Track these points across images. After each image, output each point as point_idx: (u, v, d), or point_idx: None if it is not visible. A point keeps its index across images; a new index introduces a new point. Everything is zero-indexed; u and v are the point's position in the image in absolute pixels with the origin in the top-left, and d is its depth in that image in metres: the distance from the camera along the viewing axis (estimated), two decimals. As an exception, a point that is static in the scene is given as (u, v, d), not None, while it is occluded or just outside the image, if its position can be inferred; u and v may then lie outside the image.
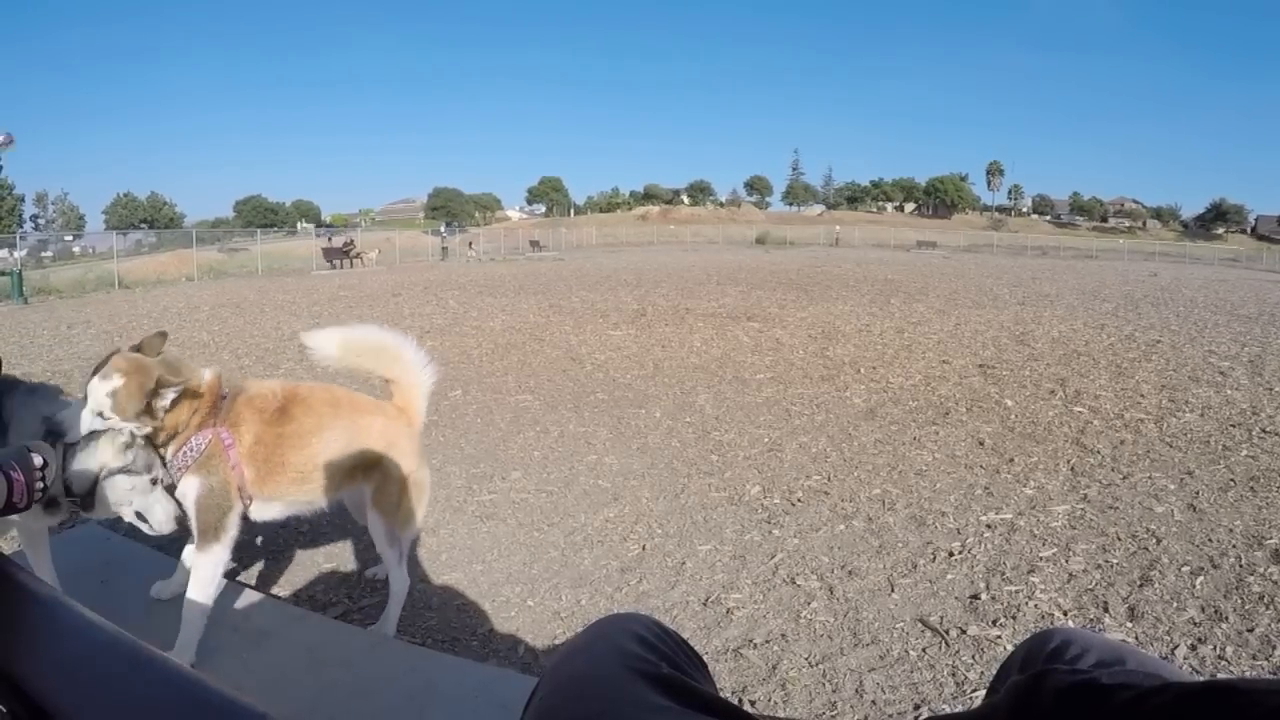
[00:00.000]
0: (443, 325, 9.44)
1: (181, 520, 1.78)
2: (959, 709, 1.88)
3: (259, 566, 2.81)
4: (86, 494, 1.62)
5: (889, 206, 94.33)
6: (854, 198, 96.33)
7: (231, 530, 1.83)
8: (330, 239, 31.43)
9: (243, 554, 2.92)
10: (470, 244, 36.57)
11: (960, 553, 2.87)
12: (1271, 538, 2.96)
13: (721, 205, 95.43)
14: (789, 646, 2.24)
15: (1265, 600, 2.46)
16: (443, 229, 39.29)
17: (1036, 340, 8.21)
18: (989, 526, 3.12)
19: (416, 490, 2.16)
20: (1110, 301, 13.13)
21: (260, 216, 73.19)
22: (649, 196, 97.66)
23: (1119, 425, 4.70)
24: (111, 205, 71.56)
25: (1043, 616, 2.40)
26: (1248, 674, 2.07)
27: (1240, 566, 2.72)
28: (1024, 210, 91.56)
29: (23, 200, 62.14)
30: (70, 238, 47.06)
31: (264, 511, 1.93)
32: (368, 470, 2.05)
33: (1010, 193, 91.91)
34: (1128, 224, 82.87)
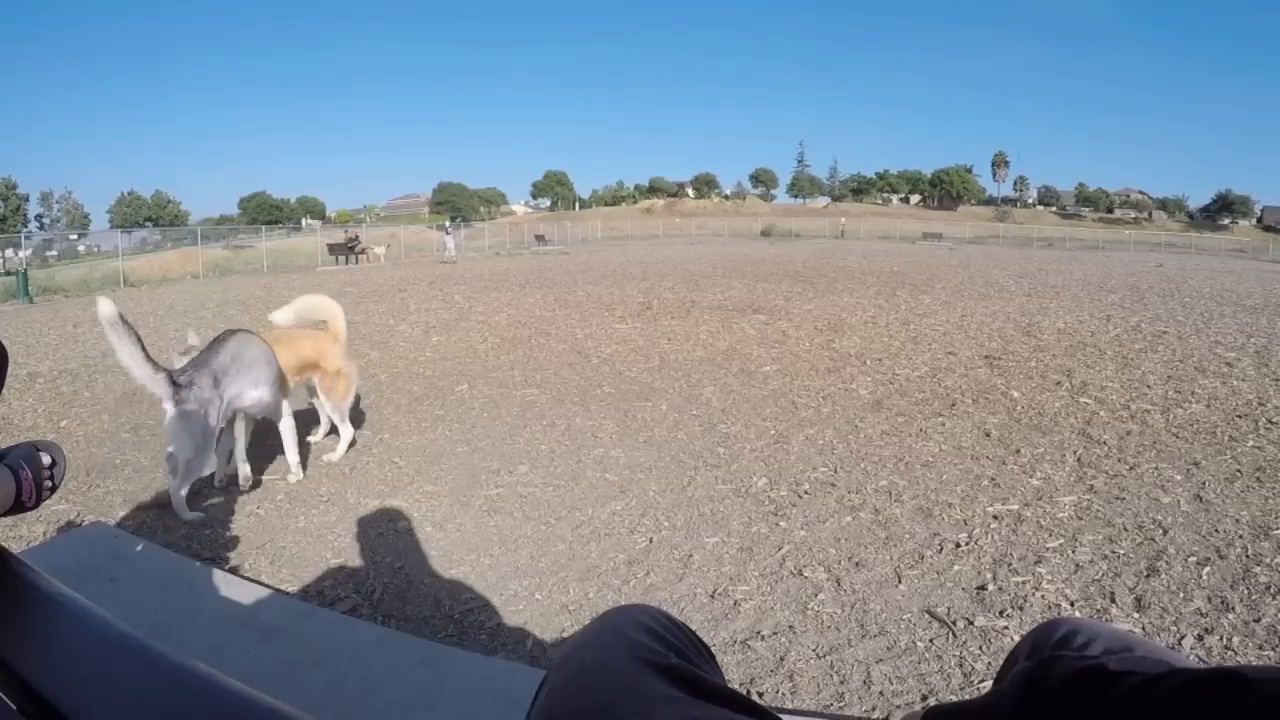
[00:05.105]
0: (448, 320, 9.46)
1: None
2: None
3: (267, 562, 2.83)
4: None
5: (894, 198, 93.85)
6: (859, 190, 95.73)
7: None
8: (346, 232, 31.16)
9: (250, 550, 2.95)
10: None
11: (967, 544, 2.87)
12: (1278, 528, 2.96)
13: (727, 198, 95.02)
14: (796, 638, 2.24)
15: (1272, 590, 2.46)
16: (447, 225, 38.67)
17: (1043, 331, 8.19)
18: (995, 518, 3.12)
19: None
20: (1116, 293, 13.07)
21: (265, 213, 73.23)
22: (654, 190, 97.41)
23: (1125, 416, 4.68)
24: (116, 204, 71.66)
25: (1050, 607, 2.40)
26: (1254, 664, 2.07)
27: (1247, 557, 2.72)
28: (1029, 202, 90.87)
29: (27, 199, 62.42)
30: (75, 236, 47.13)
31: None
32: None
33: (1016, 184, 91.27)
34: (1134, 215, 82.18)
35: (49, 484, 0.92)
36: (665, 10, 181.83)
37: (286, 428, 3.68)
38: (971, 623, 2.30)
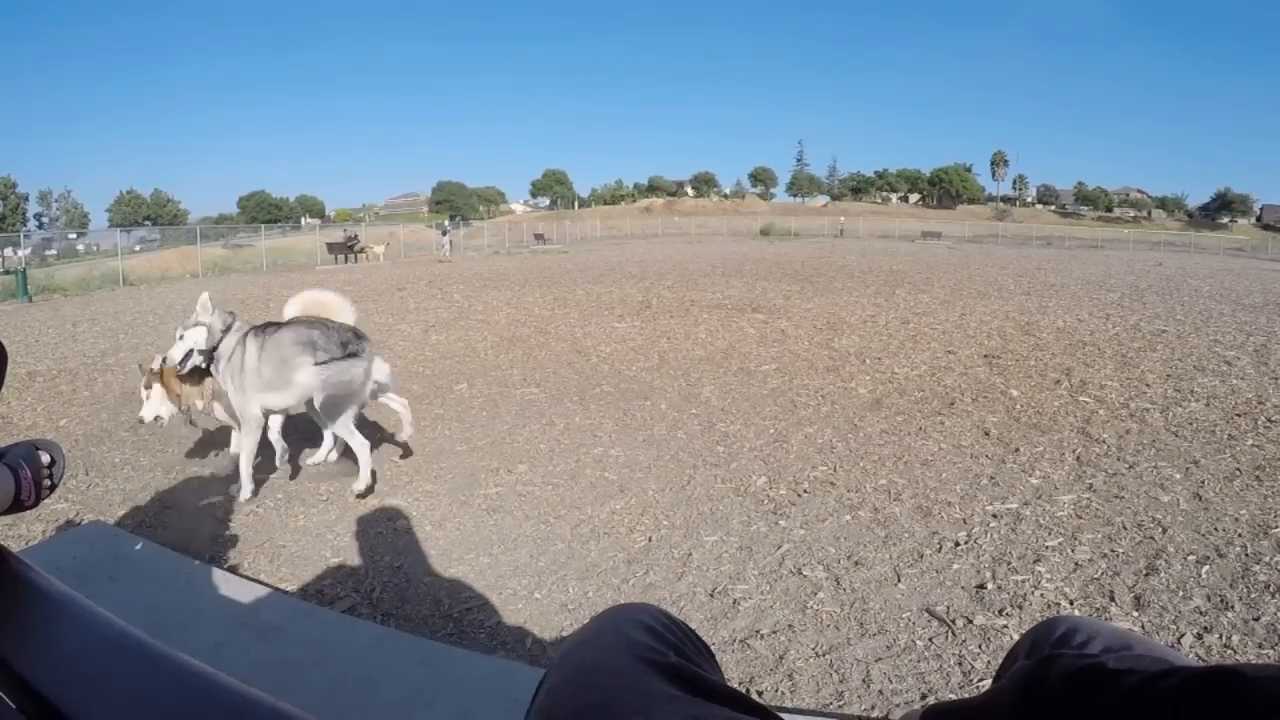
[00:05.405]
0: (448, 319, 9.45)
1: None
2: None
3: (266, 561, 2.84)
4: None
5: (894, 197, 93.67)
6: (858, 189, 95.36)
7: None
8: (345, 230, 31.02)
9: (249, 549, 2.95)
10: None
11: (966, 543, 2.87)
12: (1277, 526, 2.96)
13: (726, 197, 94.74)
14: (796, 637, 2.24)
15: (1271, 589, 2.46)
16: (445, 224, 38.21)
17: (1042, 330, 8.19)
18: (995, 516, 3.12)
19: None
20: (1115, 291, 13.07)
21: (264, 212, 72.93)
22: (653, 189, 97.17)
23: (1124, 415, 4.69)
24: (115, 203, 71.43)
25: (1049, 606, 2.40)
26: (1254, 662, 2.07)
27: (1246, 555, 2.72)
28: (1029, 200, 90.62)
29: (27, 199, 62.25)
30: (74, 235, 47.22)
31: None
32: None
33: (1015, 183, 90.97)
34: (1133, 214, 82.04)
35: (48, 483, 0.92)
36: (665, 10, 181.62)
37: (274, 427, 3.75)
38: (971, 621, 2.30)
